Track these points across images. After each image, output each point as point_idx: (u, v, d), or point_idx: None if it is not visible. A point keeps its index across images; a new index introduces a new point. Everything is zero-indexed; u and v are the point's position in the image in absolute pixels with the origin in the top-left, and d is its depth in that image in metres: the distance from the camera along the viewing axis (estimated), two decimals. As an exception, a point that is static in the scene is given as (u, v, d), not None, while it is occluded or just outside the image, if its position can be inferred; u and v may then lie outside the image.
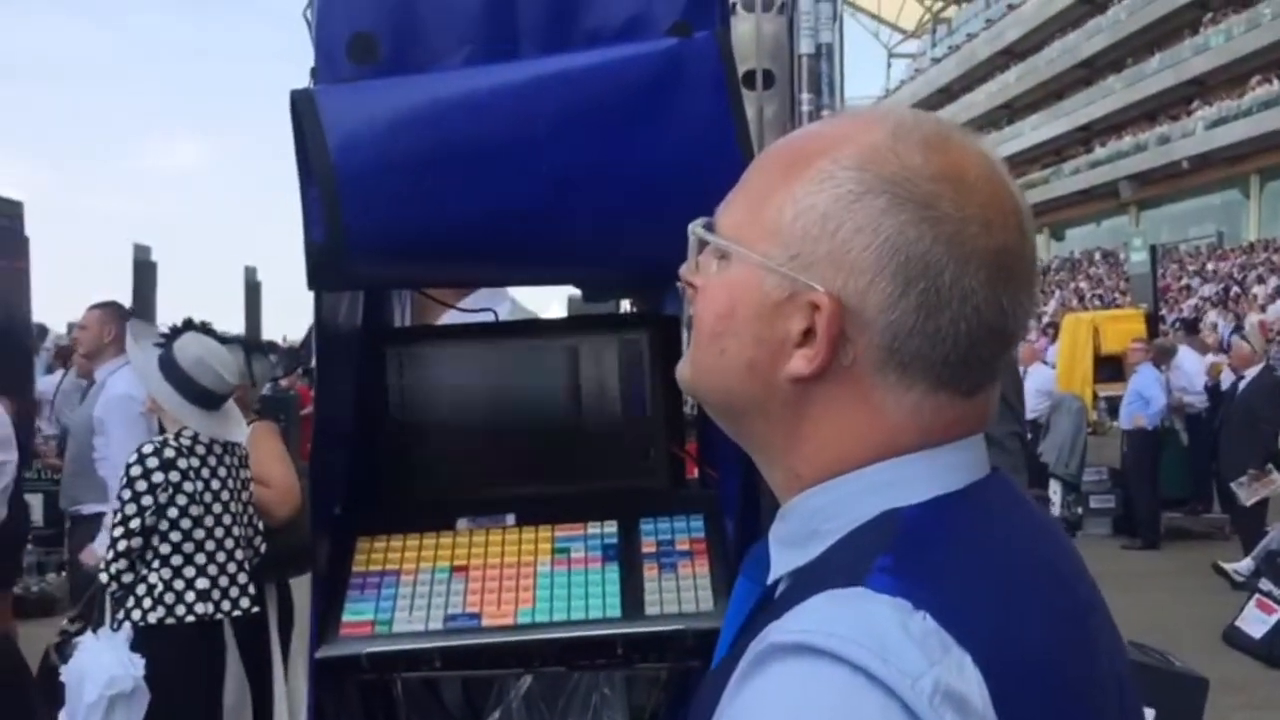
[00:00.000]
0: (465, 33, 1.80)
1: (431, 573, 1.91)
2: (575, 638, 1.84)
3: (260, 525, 4.24)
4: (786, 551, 0.96)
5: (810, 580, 0.89)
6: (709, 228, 0.99)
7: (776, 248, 0.92)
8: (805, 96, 2.32)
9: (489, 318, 2.29)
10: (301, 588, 2.98)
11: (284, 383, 12.76)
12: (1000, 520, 0.95)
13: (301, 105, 1.67)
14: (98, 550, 5.51)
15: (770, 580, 0.97)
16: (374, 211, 1.66)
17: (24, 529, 6.87)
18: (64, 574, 7.94)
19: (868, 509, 0.91)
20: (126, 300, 9.59)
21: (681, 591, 1.87)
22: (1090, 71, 48.05)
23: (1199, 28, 40.87)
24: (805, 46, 2.31)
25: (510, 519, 1.99)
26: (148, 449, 3.98)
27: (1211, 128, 38.55)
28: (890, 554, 0.86)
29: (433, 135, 1.68)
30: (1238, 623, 7.76)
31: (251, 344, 6.01)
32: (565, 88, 1.73)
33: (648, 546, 1.94)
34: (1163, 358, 12.22)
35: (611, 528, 1.97)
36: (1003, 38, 54.96)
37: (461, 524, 1.99)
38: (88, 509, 5.97)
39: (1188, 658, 5.03)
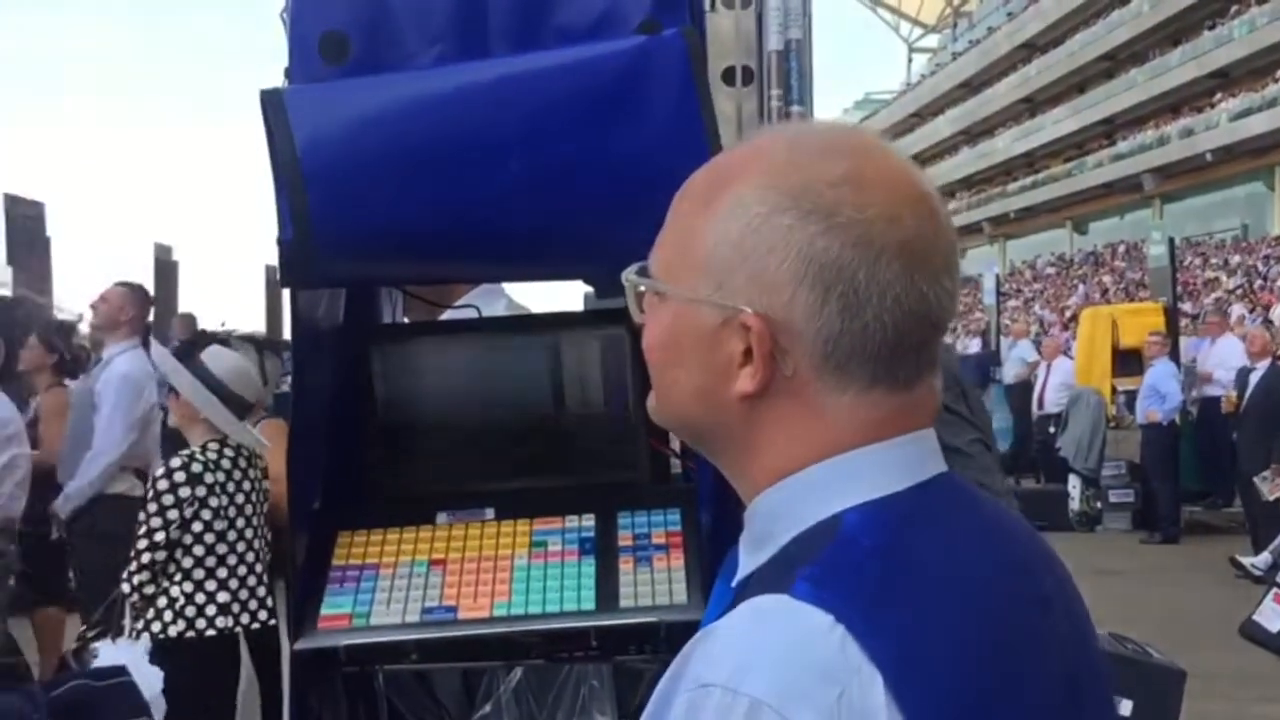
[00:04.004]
0: (436, 31, 1.81)
1: (410, 566, 1.94)
2: (549, 630, 1.86)
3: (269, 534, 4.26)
4: (749, 555, 1.01)
5: (756, 585, 0.93)
6: (643, 271, 1.04)
7: (703, 279, 0.98)
8: (775, 93, 2.33)
9: (471, 314, 2.31)
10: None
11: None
12: (942, 523, 0.98)
13: (270, 105, 1.69)
14: (59, 505, 5.66)
15: (735, 584, 1.01)
16: (341, 210, 1.67)
17: None
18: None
19: (812, 509, 0.95)
20: (147, 300, 9.60)
21: (656, 585, 1.89)
22: (1112, 64, 47.66)
23: (1222, 19, 40.53)
24: (774, 43, 2.32)
25: (489, 513, 2.01)
26: (175, 463, 4.00)
27: (1235, 120, 38.22)
28: (818, 564, 0.90)
29: (400, 134, 1.69)
30: (1255, 616, 7.71)
31: (263, 343, 6.03)
32: (535, 86, 1.74)
33: (624, 540, 1.96)
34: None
35: (589, 521, 1.98)
36: (1024, 31, 54.59)
37: (441, 518, 2.01)
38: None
39: (1205, 651, 4.99)
